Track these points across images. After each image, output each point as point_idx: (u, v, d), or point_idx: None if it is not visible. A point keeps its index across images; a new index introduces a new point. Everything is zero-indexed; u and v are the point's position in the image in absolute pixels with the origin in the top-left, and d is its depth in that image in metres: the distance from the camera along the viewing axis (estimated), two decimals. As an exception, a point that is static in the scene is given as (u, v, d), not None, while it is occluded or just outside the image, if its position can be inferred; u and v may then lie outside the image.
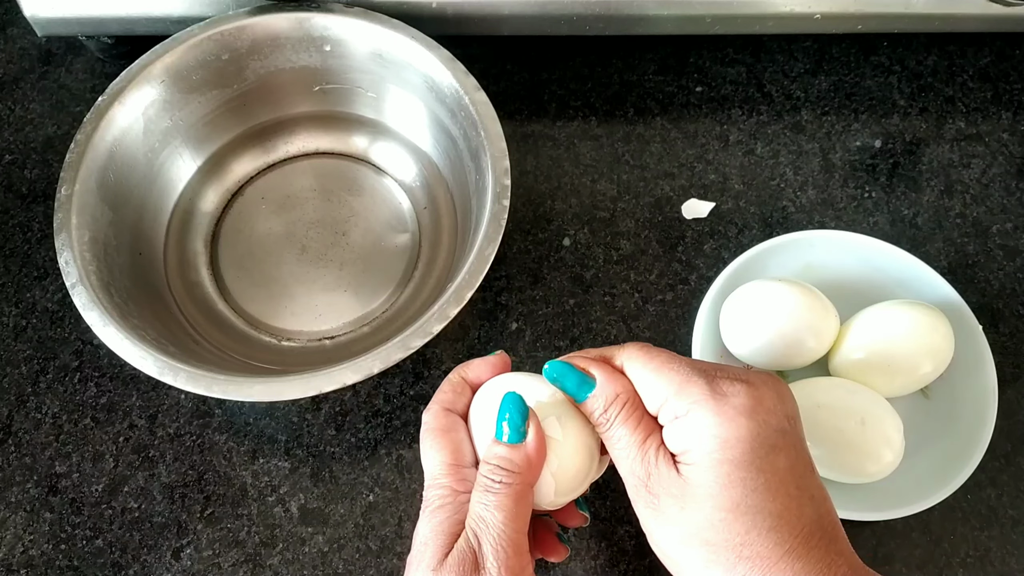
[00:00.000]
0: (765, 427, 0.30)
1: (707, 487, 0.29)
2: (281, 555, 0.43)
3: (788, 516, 0.29)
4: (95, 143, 0.44)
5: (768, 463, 0.29)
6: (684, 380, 0.31)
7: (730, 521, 0.29)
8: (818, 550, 0.29)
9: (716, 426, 0.29)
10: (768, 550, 0.29)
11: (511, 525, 0.30)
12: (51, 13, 0.51)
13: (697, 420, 0.30)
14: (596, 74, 0.58)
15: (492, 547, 0.30)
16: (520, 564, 0.30)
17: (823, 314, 0.43)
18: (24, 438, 0.46)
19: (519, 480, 0.31)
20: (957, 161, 0.55)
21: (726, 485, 0.29)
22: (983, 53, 0.59)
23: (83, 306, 0.40)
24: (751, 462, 0.29)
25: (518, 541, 0.30)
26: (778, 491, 0.29)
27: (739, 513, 0.29)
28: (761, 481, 0.29)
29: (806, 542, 0.29)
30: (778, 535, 0.29)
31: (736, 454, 0.29)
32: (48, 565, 0.43)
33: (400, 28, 0.48)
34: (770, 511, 0.29)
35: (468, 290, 0.41)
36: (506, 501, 0.30)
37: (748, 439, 0.29)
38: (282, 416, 0.47)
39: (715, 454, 0.29)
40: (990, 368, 0.43)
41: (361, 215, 0.52)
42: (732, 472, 0.29)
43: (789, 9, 0.51)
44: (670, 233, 0.52)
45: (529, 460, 0.31)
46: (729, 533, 0.29)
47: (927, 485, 0.41)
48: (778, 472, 0.29)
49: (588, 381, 0.32)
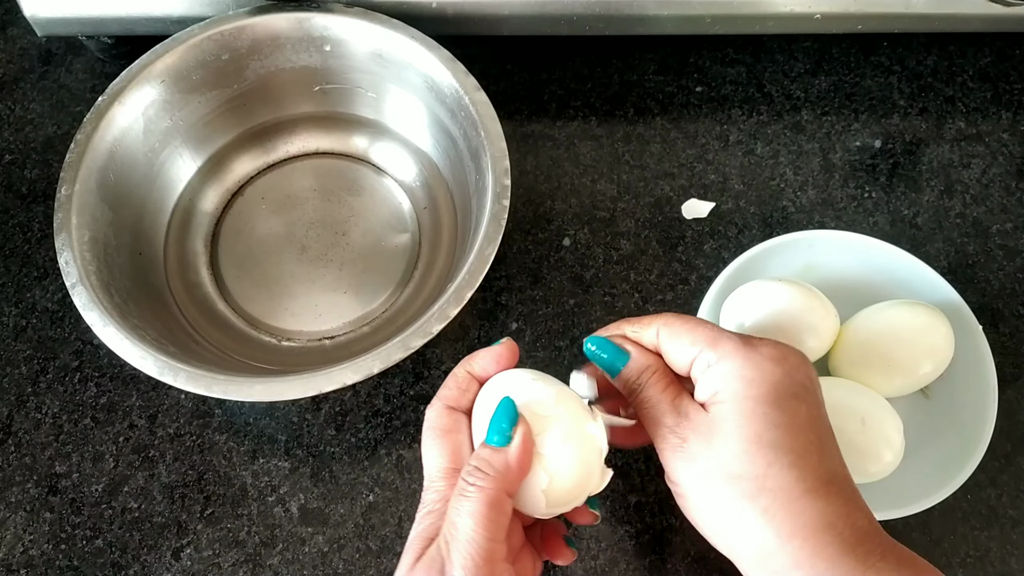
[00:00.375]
0: (790, 377, 0.31)
1: (732, 421, 0.31)
2: (281, 555, 0.43)
3: (808, 457, 0.30)
4: (95, 143, 0.45)
5: (790, 407, 0.31)
6: (718, 334, 0.33)
7: (752, 452, 0.30)
8: (840, 497, 0.30)
9: (745, 368, 0.31)
10: (790, 484, 0.30)
11: (481, 532, 0.29)
12: (51, 13, 0.51)
13: (728, 364, 0.32)
14: (596, 74, 0.58)
15: (460, 554, 0.29)
16: (491, 572, 0.29)
17: (823, 314, 0.43)
18: (24, 438, 0.46)
19: (494, 485, 0.30)
20: (957, 161, 0.55)
21: (749, 418, 0.30)
22: (983, 53, 0.59)
23: (83, 306, 0.40)
24: (774, 401, 0.31)
25: (488, 548, 0.29)
26: (799, 433, 0.30)
27: (761, 445, 0.30)
28: (783, 420, 0.30)
29: (827, 485, 0.30)
30: (799, 472, 0.30)
31: (761, 392, 0.31)
32: (48, 565, 0.43)
33: (400, 28, 0.48)
34: (791, 448, 0.30)
35: (468, 290, 0.41)
36: (478, 507, 0.30)
37: (773, 382, 0.31)
38: (282, 416, 0.47)
39: (742, 390, 0.31)
40: (990, 368, 0.43)
41: (361, 215, 0.52)
42: (756, 408, 0.30)
43: (789, 9, 0.51)
44: (670, 233, 0.52)
45: (508, 465, 0.31)
46: (752, 465, 0.30)
47: (927, 485, 0.41)
48: (799, 417, 0.31)
49: (623, 354, 0.34)
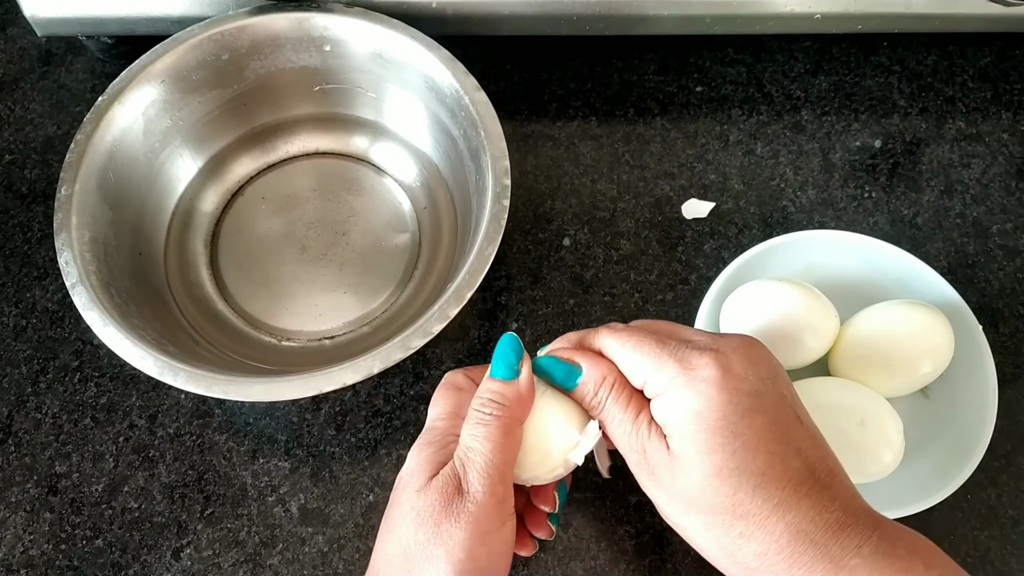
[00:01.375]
0: (736, 394, 0.31)
1: (690, 456, 0.31)
2: (281, 555, 0.43)
3: (772, 472, 0.30)
4: (95, 143, 0.45)
5: (744, 426, 0.31)
6: (656, 360, 0.32)
7: (716, 485, 0.30)
8: (808, 499, 0.30)
9: (690, 400, 0.31)
10: (757, 507, 0.30)
11: (498, 455, 0.31)
12: (51, 13, 0.51)
13: (674, 395, 0.32)
14: (596, 74, 0.58)
15: (478, 472, 0.31)
16: (504, 492, 0.31)
17: (823, 314, 0.43)
18: (24, 438, 0.46)
19: (508, 414, 0.32)
20: (957, 161, 0.55)
21: (707, 452, 0.30)
22: (983, 53, 0.59)
23: (83, 306, 0.40)
24: (726, 427, 0.30)
25: (504, 471, 0.31)
26: (758, 450, 0.30)
27: (724, 476, 0.30)
28: (739, 444, 0.30)
29: (795, 492, 0.30)
30: (765, 491, 0.30)
31: (711, 423, 0.30)
32: (48, 565, 0.43)
33: (400, 28, 0.48)
34: (752, 470, 0.30)
35: (468, 290, 0.41)
36: (495, 432, 0.31)
37: (720, 407, 0.31)
38: (282, 416, 0.47)
39: (691, 425, 0.31)
40: (990, 368, 0.43)
41: (361, 215, 0.52)
42: (709, 439, 0.30)
43: (789, 9, 0.51)
44: (670, 233, 0.52)
45: (520, 395, 0.33)
46: (718, 496, 0.30)
47: (927, 485, 0.41)
48: (757, 432, 0.31)
49: (574, 370, 0.34)
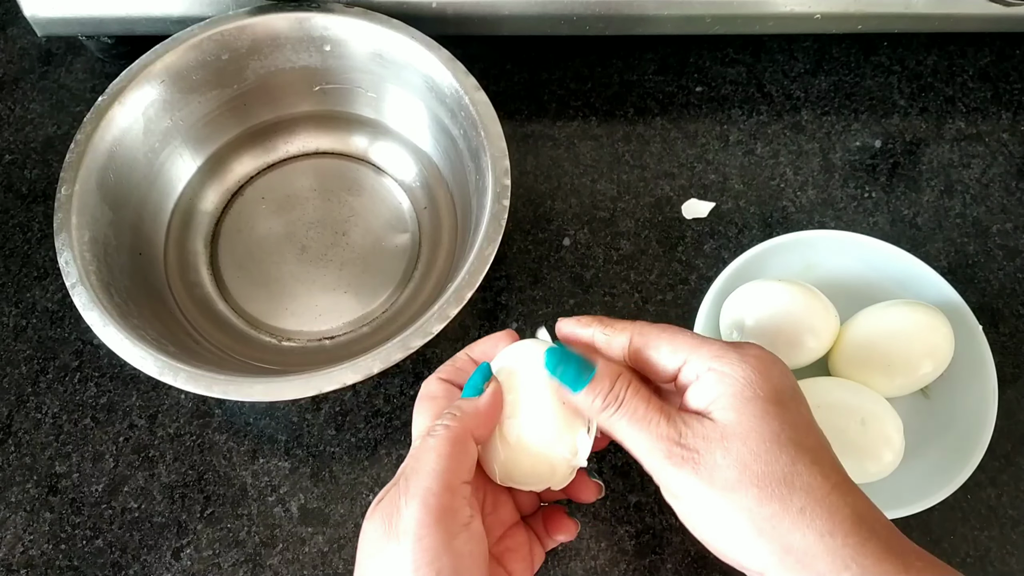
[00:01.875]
0: (784, 378, 0.31)
1: (746, 422, 0.29)
2: (281, 555, 0.43)
3: (824, 454, 0.30)
4: (95, 143, 0.45)
5: (794, 407, 0.30)
6: (700, 342, 0.32)
7: (775, 451, 0.29)
8: (859, 491, 0.30)
9: (743, 370, 0.30)
10: (818, 482, 0.29)
11: (441, 464, 0.30)
12: (51, 13, 0.51)
13: (722, 370, 0.30)
14: (596, 74, 0.58)
15: (418, 485, 0.29)
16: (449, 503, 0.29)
17: (823, 314, 0.43)
18: (24, 438, 0.46)
19: (459, 424, 0.31)
20: (957, 161, 0.55)
21: (763, 418, 0.29)
22: (983, 53, 0.59)
23: (83, 306, 0.40)
24: (780, 400, 0.30)
25: (447, 479, 0.29)
26: (809, 430, 0.30)
27: (782, 443, 0.29)
28: (792, 418, 0.30)
29: (846, 481, 0.30)
30: (821, 468, 0.29)
31: (766, 391, 0.30)
32: (48, 565, 0.43)
33: (400, 28, 0.48)
34: (808, 446, 0.30)
35: (468, 290, 0.41)
36: (440, 443, 0.30)
37: (773, 382, 0.30)
38: (282, 416, 0.47)
39: (746, 392, 0.30)
40: (990, 368, 0.43)
41: (361, 215, 0.52)
42: (766, 407, 0.30)
43: (789, 9, 0.51)
44: (670, 233, 0.52)
45: (477, 408, 0.32)
46: (777, 463, 0.29)
47: (927, 485, 0.41)
48: (804, 417, 0.31)
49: (588, 365, 0.32)
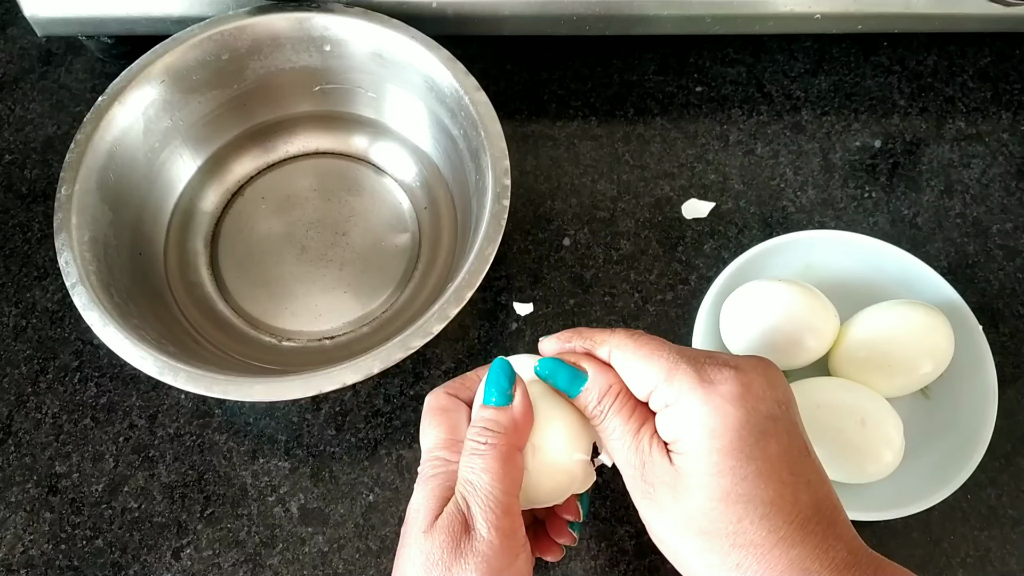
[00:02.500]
0: (754, 414, 0.29)
1: (698, 476, 0.29)
2: (281, 555, 0.43)
3: (781, 503, 0.29)
4: (95, 143, 0.45)
5: (759, 450, 0.29)
6: (672, 367, 0.31)
7: (722, 510, 0.29)
8: (815, 536, 0.29)
9: (705, 415, 0.29)
10: (761, 538, 0.28)
11: (498, 486, 0.30)
12: (51, 13, 0.51)
13: (686, 409, 0.30)
14: (596, 74, 0.58)
15: (480, 508, 0.30)
16: (511, 525, 0.30)
17: (823, 314, 0.43)
18: (24, 438, 0.46)
19: (505, 441, 0.31)
20: (957, 161, 0.55)
21: (716, 474, 0.29)
22: (983, 53, 0.59)
23: (83, 306, 0.40)
24: (740, 450, 0.29)
25: (506, 502, 0.30)
26: (770, 478, 0.29)
27: (730, 502, 0.29)
28: (752, 469, 0.29)
29: (802, 528, 0.29)
30: (771, 523, 0.28)
31: (725, 443, 0.29)
32: (48, 565, 0.43)
33: (400, 28, 0.48)
34: (762, 499, 0.29)
35: (468, 290, 0.41)
36: (492, 463, 0.30)
37: (736, 427, 0.29)
38: (282, 416, 0.47)
39: (704, 443, 0.29)
40: (990, 368, 0.43)
41: (361, 215, 0.52)
42: (721, 461, 0.29)
43: (789, 9, 0.51)
44: (670, 233, 0.52)
45: (515, 421, 0.31)
46: (722, 522, 0.29)
47: (927, 485, 0.41)
48: (770, 459, 0.29)
49: (580, 375, 0.33)
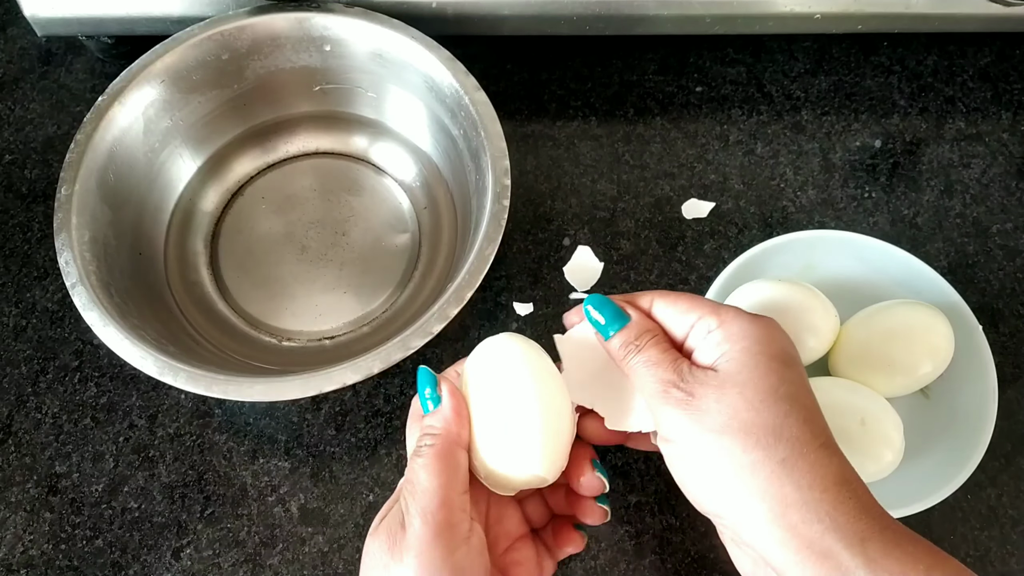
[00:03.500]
0: (790, 345, 0.32)
1: (746, 374, 0.31)
2: (281, 555, 0.43)
3: (818, 416, 0.31)
4: (95, 143, 0.45)
5: (797, 369, 0.32)
6: (715, 305, 0.33)
7: (769, 404, 0.30)
8: (846, 458, 0.30)
9: (753, 330, 0.32)
10: (807, 437, 0.30)
11: (434, 481, 0.31)
12: (51, 13, 0.51)
13: (732, 325, 0.32)
14: (596, 74, 0.58)
15: (415, 503, 0.31)
16: (448, 518, 0.31)
17: (823, 314, 0.43)
18: (24, 438, 0.46)
19: (440, 440, 0.32)
20: (957, 161, 0.55)
21: (764, 373, 0.30)
22: (983, 53, 0.59)
23: (83, 306, 0.40)
24: (783, 359, 0.31)
25: (443, 495, 0.31)
26: (809, 392, 0.31)
27: (777, 398, 0.30)
28: (793, 376, 0.31)
29: (834, 444, 0.30)
30: (813, 426, 0.30)
31: (771, 350, 0.31)
32: (48, 565, 0.43)
33: (400, 28, 0.48)
34: (804, 404, 0.30)
35: (468, 290, 0.41)
36: (430, 462, 0.32)
37: (780, 341, 0.32)
38: (282, 416, 0.47)
39: (753, 347, 0.31)
40: (990, 368, 0.43)
41: (361, 215, 0.52)
42: (769, 363, 0.31)
43: (789, 9, 0.51)
44: (670, 233, 0.52)
45: (446, 419, 0.33)
46: (768, 414, 0.30)
47: (927, 485, 0.41)
48: (804, 380, 0.32)
49: (623, 314, 0.34)
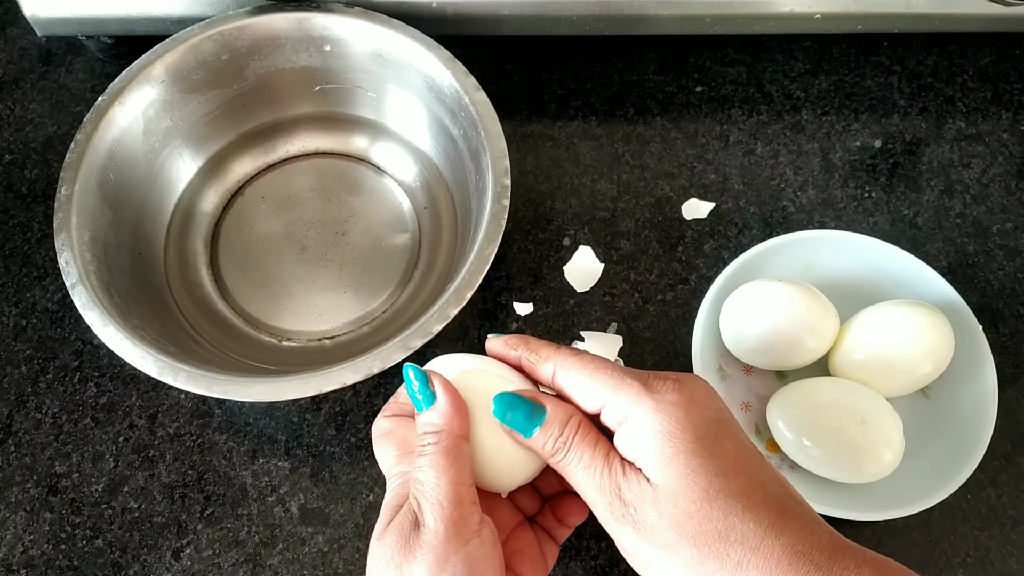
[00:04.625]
0: (702, 418, 0.30)
1: (672, 482, 0.29)
2: (281, 555, 0.43)
3: (754, 494, 0.29)
4: (95, 143, 0.45)
5: (718, 447, 0.30)
6: (619, 382, 0.31)
7: (707, 509, 0.29)
8: (796, 522, 0.29)
9: (659, 423, 0.30)
10: (750, 530, 0.29)
11: (444, 477, 0.31)
12: (51, 13, 0.51)
13: (640, 421, 0.30)
14: (596, 74, 0.58)
15: (428, 502, 0.30)
16: (460, 513, 0.30)
17: (823, 314, 0.43)
18: (24, 438, 0.46)
19: (444, 436, 0.32)
20: (957, 161, 0.55)
21: (690, 475, 0.29)
22: (983, 53, 0.59)
23: (83, 306, 0.40)
24: (702, 449, 0.29)
25: (454, 491, 0.30)
26: (737, 472, 0.29)
27: (711, 498, 0.29)
28: (718, 466, 0.29)
29: (781, 516, 0.29)
30: (754, 513, 0.29)
31: (686, 444, 0.29)
32: (48, 565, 0.43)
33: (400, 28, 0.48)
34: (737, 492, 0.29)
35: (468, 290, 0.41)
36: (436, 459, 0.31)
37: (691, 429, 0.30)
38: (282, 416, 0.47)
39: (666, 448, 0.29)
40: (990, 368, 0.43)
41: (361, 215, 0.52)
42: (690, 462, 0.29)
43: (789, 9, 0.51)
44: (670, 233, 0.52)
45: (446, 415, 0.32)
46: (710, 520, 0.29)
47: (927, 485, 0.41)
48: (729, 456, 0.30)
49: (539, 408, 0.32)
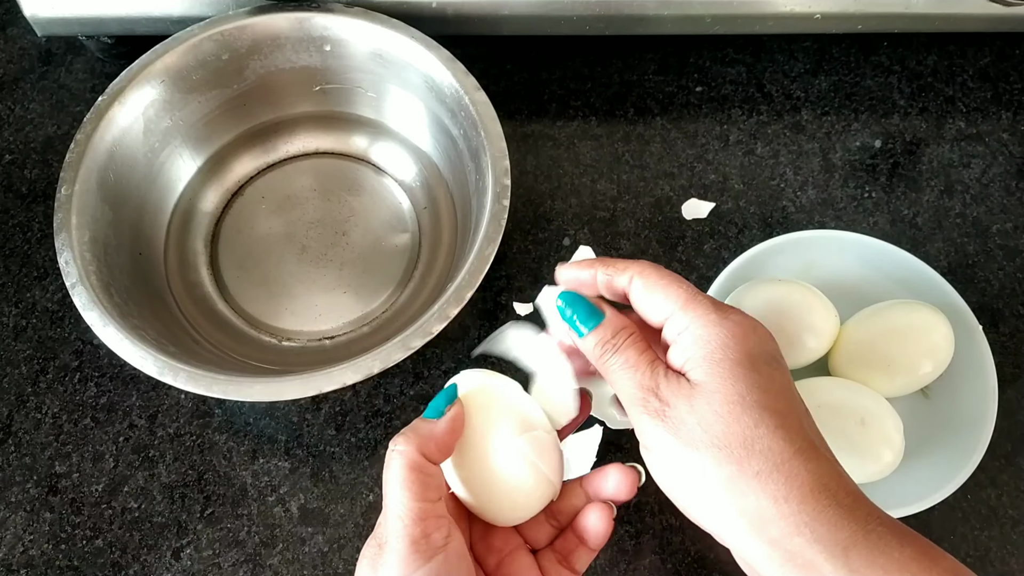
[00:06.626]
0: (762, 345, 0.31)
1: (712, 383, 0.30)
2: (281, 555, 0.43)
3: (792, 419, 0.30)
4: (95, 143, 0.45)
5: (766, 370, 0.30)
6: (690, 297, 0.32)
7: (737, 413, 0.29)
8: (826, 459, 0.29)
9: (718, 334, 0.30)
10: (779, 447, 0.29)
11: (405, 493, 0.30)
12: (51, 13, 0.51)
13: (701, 329, 0.31)
14: (596, 74, 0.58)
15: (390, 520, 0.30)
16: (424, 530, 0.30)
17: (823, 314, 0.43)
18: (24, 438, 0.46)
19: (410, 447, 0.31)
20: (957, 161, 0.55)
21: (730, 379, 0.30)
22: (983, 53, 0.59)
23: (83, 306, 0.40)
24: (751, 364, 0.30)
25: (414, 507, 0.30)
26: (780, 394, 0.30)
27: (745, 406, 0.29)
28: (762, 382, 0.30)
29: (812, 448, 0.29)
30: (785, 433, 0.29)
31: (737, 356, 0.30)
32: (48, 565, 0.43)
33: (400, 28, 0.48)
34: (775, 409, 0.29)
35: (468, 290, 0.41)
36: (399, 472, 0.31)
37: (747, 347, 0.30)
38: (282, 416, 0.47)
39: (717, 354, 0.30)
40: (990, 368, 0.43)
41: (361, 215, 0.52)
42: (734, 369, 0.30)
43: (789, 9, 0.51)
44: (670, 233, 0.52)
45: (431, 431, 0.32)
46: (738, 425, 0.29)
47: (927, 485, 0.41)
48: (776, 382, 0.30)
49: (598, 311, 0.33)
